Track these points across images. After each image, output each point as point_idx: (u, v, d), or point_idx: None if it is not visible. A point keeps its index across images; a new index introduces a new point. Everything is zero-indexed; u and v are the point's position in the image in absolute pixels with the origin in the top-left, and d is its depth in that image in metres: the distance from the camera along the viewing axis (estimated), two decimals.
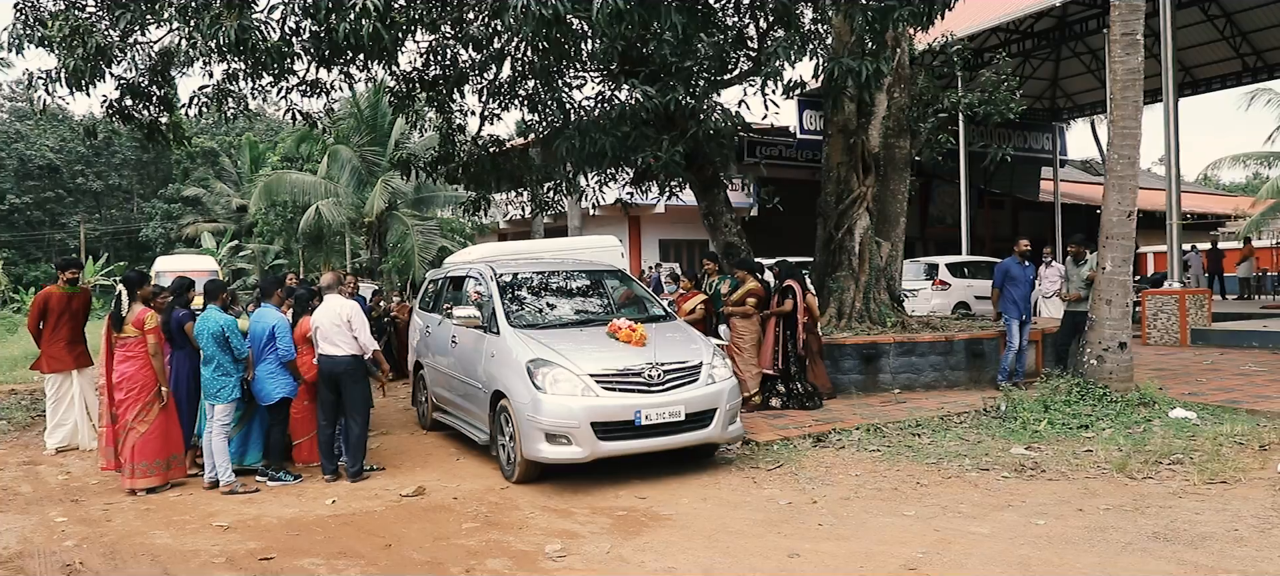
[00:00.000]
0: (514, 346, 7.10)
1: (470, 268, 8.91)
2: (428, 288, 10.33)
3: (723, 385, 7.08)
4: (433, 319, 9.44)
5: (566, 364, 6.72)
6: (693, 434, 6.85)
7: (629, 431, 6.62)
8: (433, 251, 24.97)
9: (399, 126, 26.17)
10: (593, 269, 9.11)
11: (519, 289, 8.21)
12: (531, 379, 6.67)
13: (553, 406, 6.53)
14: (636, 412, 6.62)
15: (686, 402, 6.80)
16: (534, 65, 12.26)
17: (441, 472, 7.59)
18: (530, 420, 6.59)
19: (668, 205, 16.59)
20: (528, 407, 6.62)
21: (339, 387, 7.39)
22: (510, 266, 8.69)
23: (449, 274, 9.71)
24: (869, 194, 12.60)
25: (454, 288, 9.27)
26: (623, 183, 13.63)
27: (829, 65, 9.59)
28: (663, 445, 6.79)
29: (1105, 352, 8.80)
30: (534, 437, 6.59)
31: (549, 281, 8.58)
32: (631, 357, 6.88)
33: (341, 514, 6.40)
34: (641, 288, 8.95)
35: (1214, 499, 6.07)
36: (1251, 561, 4.87)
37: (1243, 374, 10.97)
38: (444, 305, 9.17)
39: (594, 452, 6.55)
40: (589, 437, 6.52)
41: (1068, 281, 10.59)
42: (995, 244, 28.74)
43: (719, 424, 6.98)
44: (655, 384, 6.76)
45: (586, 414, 6.52)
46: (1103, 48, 24.00)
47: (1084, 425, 8.22)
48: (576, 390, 6.61)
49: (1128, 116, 8.44)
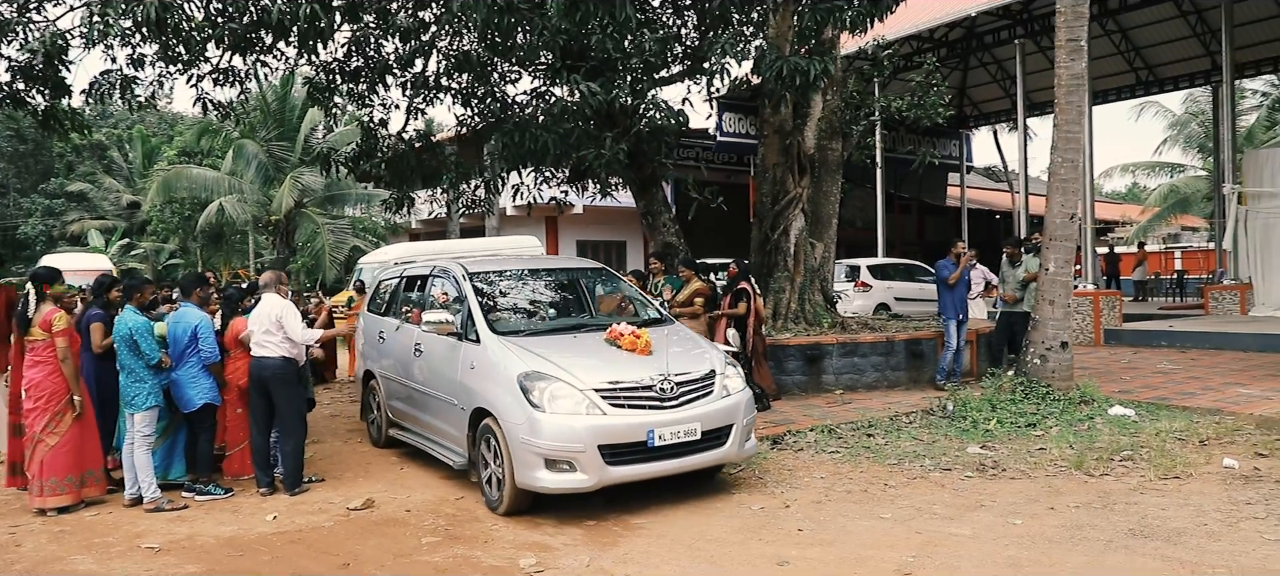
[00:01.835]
0: (501, 357, 6.18)
1: (434, 265, 8.01)
2: (379, 288, 9.32)
3: (738, 397, 6.29)
4: (388, 323, 8.39)
5: (567, 377, 5.81)
6: (708, 454, 6.04)
7: (641, 454, 5.77)
8: (344, 251, 24.08)
9: (309, 120, 25.12)
10: (575, 267, 8.39)
11: (495, 290, 7.34)
12: (526, 395, 5.75)
13: (553, 427, 5.63)
14: (649, 432, 5.75)
15: (702, 419, 5.98)
16: (467, 58, 11.85)
17: (387, 483, 7.14)
18: (525, 443, 5.68)
19: (586, 206, 16.29)
20: (522, 429, 5.70)
21: (270, 393, 6.87)
22: (484, 264, 7.80)
23: (407, 272, 8.66)
24: (804, 195, 12.62)
25: (413, 288, 8.39)
26: (558, 181, 13.30)
27: (777, 63, 9.50)
28: (677, 468, 5.94)
29: (1048, 352, 8.96)
30: (530, 463, 5.67)
31: (528, 281, 7.79)
32: (639, 369, 6.02)
33: (286, 530, 5.91)
34: (631, 288, 8.16)
35: (1173, 494, 6.18)
36: (1229, 555, 4.93)
37: (1161, 372, 11.40)
38: (403, 307, 8.25)
39: (602, 480, 5.67)
40: (596, 463, 5.63)
41: (1003, 282, 10.80)
42: (903, 247, 29.46)
43: (735, 441, 6.18)
44: (668, 399, 5.91)
45: (593, 435, 5.63)
46: (1009, 59, 24.89)
47: (1031, 423, 8.33)
48: (580, 408, 5.70)
49: (1071, 121, 8.63)
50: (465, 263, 7.55)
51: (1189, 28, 21.78)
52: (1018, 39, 20.44)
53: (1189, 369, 11.54)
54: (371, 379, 8.65)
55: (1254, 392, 9.47)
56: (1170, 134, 30.53)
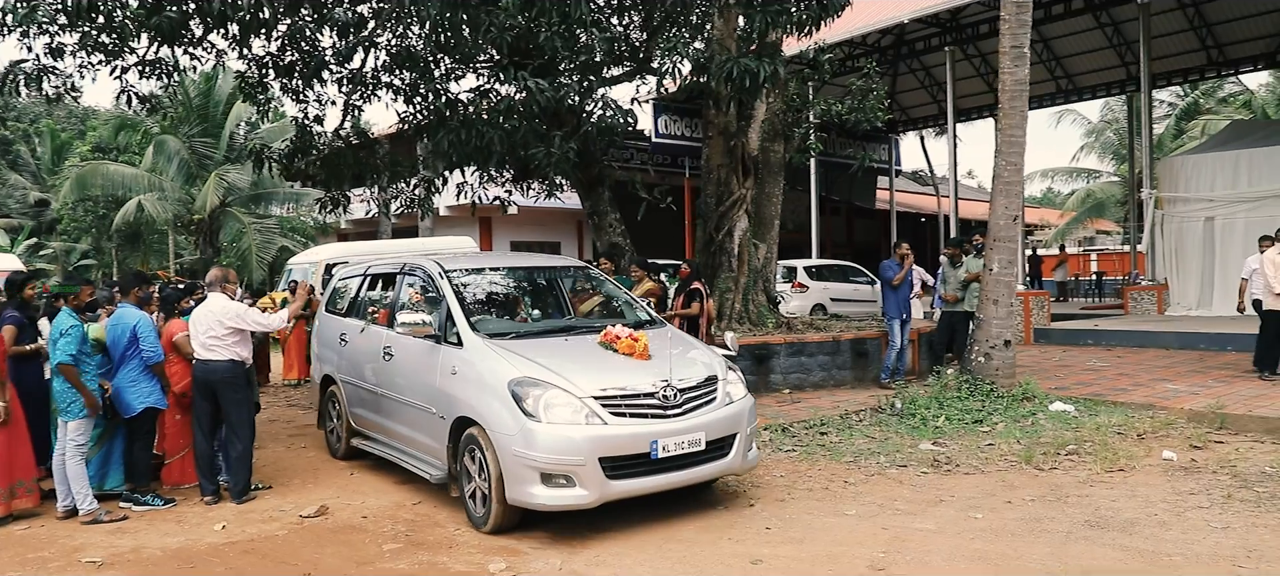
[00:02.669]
0: (489, 361, 5.72)
1: (405, 262, 7.49)
2: (338, 287, 8.73)
3: (741, 404, 5.94)
4: (351, 325, 7.84)
5: (563, 383, 5.39)
6: (712, 465, 5.68)
7: (643, 466, 5.37)
8: (272, 252, 23.31)
9: (235, 116, 24.29)
10: (556, 265, 7.97)
11: (474, 289, 6.88)
12: (519, 403, 5.32)
13: (550, 438, 5.20)
14: (652, 443, 5.36)
15: (706, 428, 5.60)
16: (410, 54, 11.60)
17: (339, 489, 6.91)
18: (518, 456, 5.24)
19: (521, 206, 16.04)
20: (515, 440, 5.27)
21: (216, 397, 6.59)
22: (459, 261, 7.32)
23: (371, 270, 8.12)
24: (748, 196, 12.71)
25: (378, 286, 7.91)
26: (502, 180, 13.13)
27: (727, 65, 9.53)
28: (680, 481, 5.57)
29: (992, 350, 9.19)
30: (523, 478, 5.24)
31: (508, 280, 7.37)
32: (639, 374, 5.63)
33: (237, 540, 5.66)
34: (617, 287, 7.77)
35: (1120, 486, 6.38)
36: (1182, 543, 5.11)
37: (1092, 369, 11.80)
38: (367, 308, 7.77)
39: (603, 495, 5.25)
40: (596, 476, 5.21)
41: (944, 283, 11.04)
42: (834, 248, 29.99)
43: (739, 451, 5.81)
44: (672, 407, 5.53)
45: (593, 447, 5.22)
46: (938, 66, 25.57)
47: (978, 419, 8.53)
48: (578, 417, 5.29)
49: (1015, 125, 8.87)
50: (440, 259, 7.12)
51: (1106, 39, 22.69)
52: (948, 47, 20.96)
53: (1117, 366, 11.98)
54: (331, 385, 8.09)
55: (1181, 388, 9.87)
56: (1087, 141, 31.77)
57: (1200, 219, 16.51)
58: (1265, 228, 15.63)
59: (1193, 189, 16.67)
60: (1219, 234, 16.28)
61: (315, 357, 8.68)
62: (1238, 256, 15.93)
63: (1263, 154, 15.96)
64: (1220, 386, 9.80)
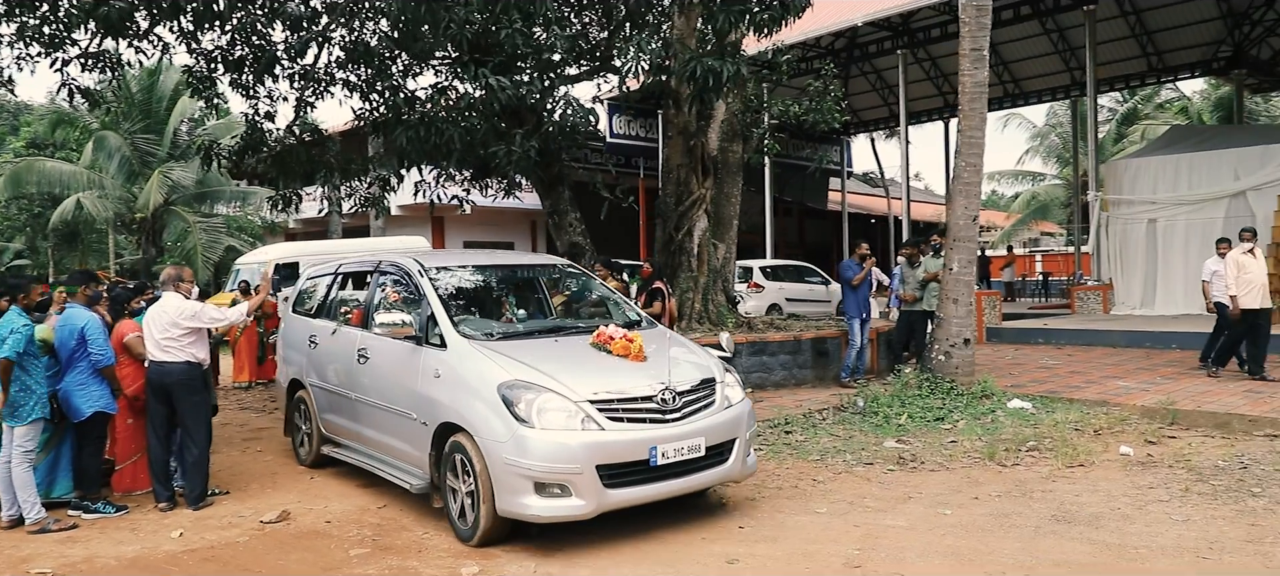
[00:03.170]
0: (476, 364, 5.42)
1: (379, 260, 7.18)
2: (306, 286, 8.31)
3: (740, 408, 5.71)
4: (321, 326, 7.47)
5: (557, 387, 5.12)
6: (711, 472, 5.44)
7: (642, 474, 5.12)
8: (218, 251, 22.74)
9: (180, 111, 23.63)
10: (539, 264, 7.60)
11: (456, 288, 6.54)
12: (511, 408, 5.03)
13: (544, 445, 4.92)
14: (651, 449, 5.10)
15: (706, 433, 5.37)
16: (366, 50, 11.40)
17: (300, 494, 6.73)
18: (510, 464, 4.96)
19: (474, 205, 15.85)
20: (506, 447, 4.98)
21: (172, 400, 6.37)
22: (439, 259, 6.96)
23: (342, 268, 7.75)
24: (708, 196, 12.73)
25: (350, 286, 7.58)
26: (461, 179, 12.96)
27: (691, 64, 9.52)
28: (679, 489, 5.31)
29: (952, 348, 9.32)
30: (515, 487, 4.96)
31: (491, 279, 7.03)
32: (635, 377, 5.38)
33: (197, 547, 5.48)
34: (604, 287, 7.49)
35: (1082, 481, 6.50)
36: (1147, 536, 5.22)
37: (1045, 367, 12.05)
38: (339, 308, 7.44)
39: (600, 505, 4.98)
40: (593, 486, 4.95)
41: (903, 283, 11.17)
42: (786, 249, 30.27)
43: (738, 457, 5.58)
44: (671, 411, 5.28)
45: (590, 454, 4.95)
46: (888, 69, 25.97)
47: (939, 417, 8.64)
48: (574, 422, 5.02)
49: (974, 127, 9.00)
50: (419, 256, 6.82)
51: (1052, 45, 23.24)
52: (900, 50, 21.27)
53: (1068, 364, 12.24)
54: (299, 389, 7.70)
55: (1131, 385, 10.11)
56: (1032, 145, 32.51)
57: (1143, 221, 16.97)
58: (1204, 229, 16.20)
59: (1136, 191, 17.13)
60: (1161, 235, 16.76)
61: (281, 360, 8.29)
62: (1179, 257, 16.47)
63: (1202, 158, 16.47)
64: (1168, 383, 10.07)
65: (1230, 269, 9.75)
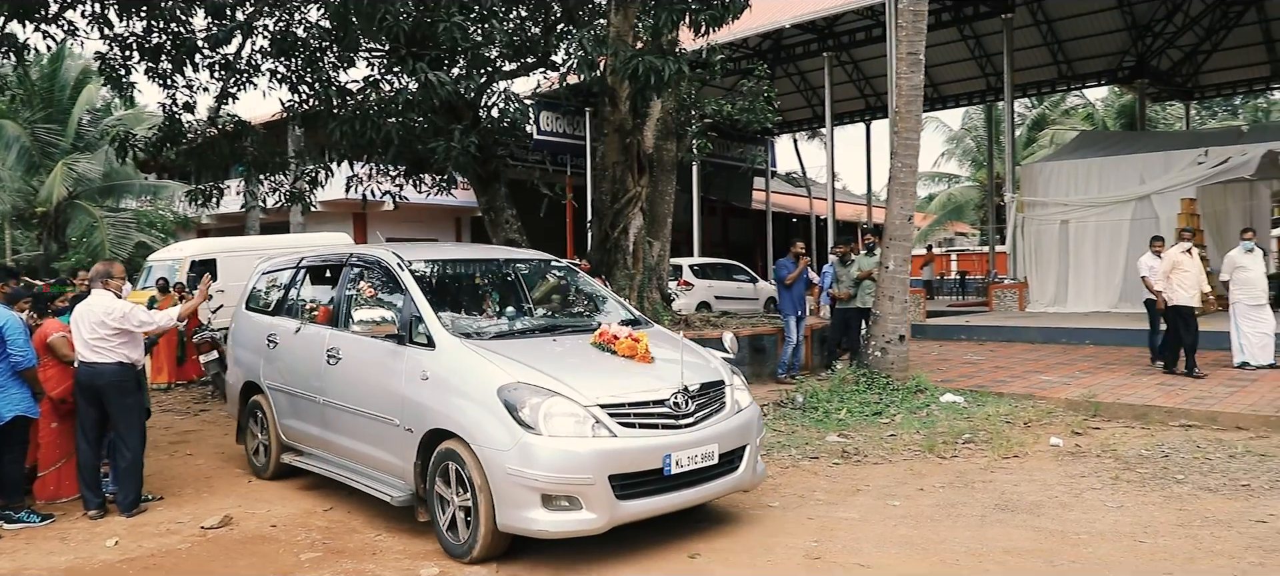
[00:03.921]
0: (470, 365, 5.05)
1: (351, 253, 6.67)
2: (261, 283, 7.72)
3: (750, 413, 5.43)
4: (281, 325, 6.93)
5: (564, 390, 4.75)
6: (723, 481, 5.12)
7: (654, 484, 4.79)
8: (128, 248, 21.80)
9: (84, 101, 22.55)
10: (519, 258, 7.05)
11: (440, 283, 6.12)
12: (513, 413, 4.66)
13: (553, 454, 4.56)
14: (665, 457, 4.78)
15: (719, 438, 5.06)
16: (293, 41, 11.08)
17: (239, 498, 6.50)
18: (513, 475, 4.58)
19: (398, 202, 15.52)
20: (510, 456, 4.60)
21: (103, 403, 6.08)
22: (417, 252, 6.44)
23: (306, 263, 7.19)
24: (643, 194, 12.77)
25: (315, 281, 7.04)
26: (394, 174, 12.71)
27: (633, 61, 9.53)
28: (692, 499, 5.00)
29: (888, 344, 9.56)
30: (519, 500, 4.58)
31: (475, 274, 6.58)
32: (645, 379, 5.06)
33: (135, 557, 5.24)
34: (592, 283, 7.14)
35: (1019, 472, 6.75)
36: (1085, 522, 5.45)
37: (970, 362, 12.46)
38: (303, 305, 6.91)
39: (613, 518, 4.65)
40: (605, 497, 4.60)
41: (837, 281, 11.40)
42: (711, 247, 30.62)
43: (749, 465, 5.29)
44: (684, 416, 4.96)
45: (602, 462, 4.61)
46: (813, 71, 26.47)
47: (877, 411, 8.85)
48: (584, 428, 4.66)
49: (910, 128, 9.25)
50: (397, 249, 6.31)
51: (969, 51, 24.04)
52: (826, 53, 21.70)
53: (992, 359, 12.69)
54: (255, 393, 7.15)
55: (1053, 379, 10.54)
56: (948, 147, 33.57)
57: (1056, 221, 17.70)
58: (1113, 230, 16.99)
59: (1050, 194, 17.86)
60: (1073, 236, 17.51)
61: (233, 362, 7.73)
62: (1089, 256, 17.23)
63: (1111, 163, 17.27)
64: (1087, 377, 10.53)
65: (1166, 266, 10.15)
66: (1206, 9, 21.20)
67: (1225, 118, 35.68)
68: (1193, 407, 8.45)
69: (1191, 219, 15.18)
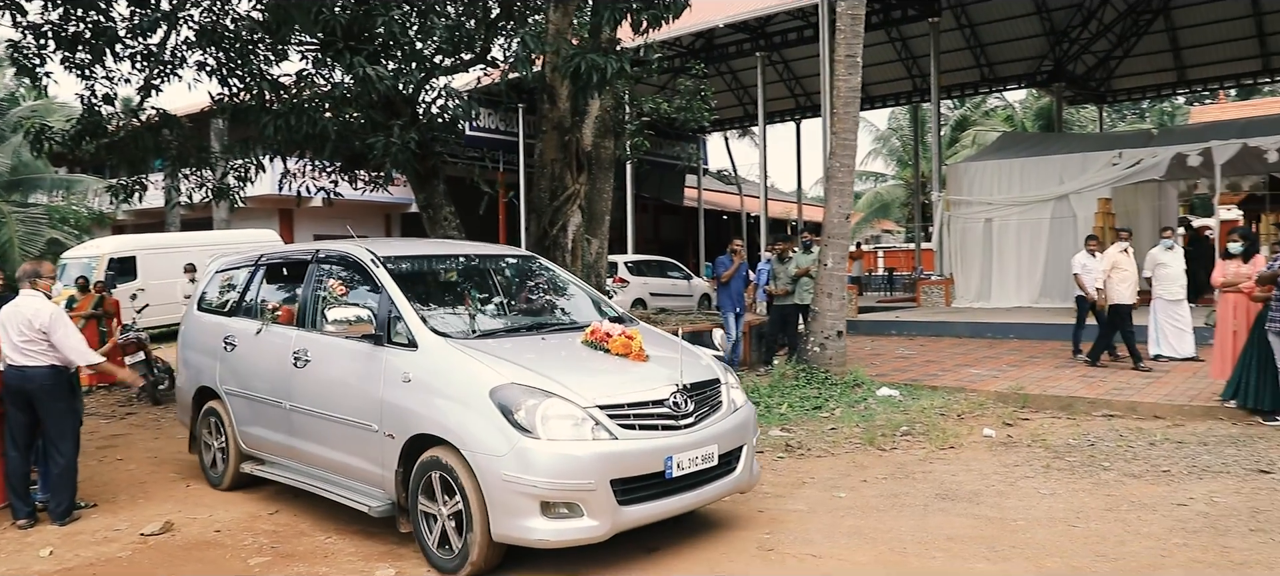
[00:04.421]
0: (458, 366, 4.83)
1: (317, 249, 6.33)
2: (216, 281, 7.31)
3: (746, 412, 5.32)
4: (240, 326, 6.53)
5: (561, 391, 4.56)
6: (722, 482, 4.99)
7: (656, 487, 4.64)
8: (39, 244, 20.86)
9: None
10: (496, 254, 6.78)
11: (416, 281, 5.78)
12: (509, 415, 4.45)
13: (552, 459, 4.37)
14: (667, 460, 4.63)
15: (718, 439, 4.93)
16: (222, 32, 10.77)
17: (178, 503, 6.32)
18: (509, 481, 4.37)
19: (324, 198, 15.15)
20: (506, 462, 4.38)
21: (34, 407, 5.85)
22: (390, 248, 6.09)
23: (265, 260, 6.83)
24: (582, 192, 12.79)
25: (276, 280, 6.65)
26: (330, 171, 12.44)
27: (575, 59, 9.54)
28: (692, 503, 4.86)
29: (826, 340, 9.77)
30: (516, 508, 4.38)
31: (452, 271, 6.27)
32: (642, 378, 4.90)
33: (72, 567, 5.06)
34: (572, 278, 6.91)
35: (955, 462, 6.99)
36: (1022, 509, 5.69)
37: (902, 357, 12.81)
38: (264, 305, 6.51)
39: (615, 525, 4.48)
40: (607, 503, 4.44)
41: (775, 278, 11.60)
42: (643, 245, 30.79)
43: (746, 466, 5.17)
44: (684, 417, 4.82)
45: (603, 466, 4.44)
46: (744, 70, 26.81)
47: (817, 405, 9.05)
48: (584, 431, 4.48)
49: (848, 129, 9.47)
50: (370, 245, 6.00)
51: (896, 54, 24.65)
52: (759, 52, 22.00)
53: (922, 353, 13.07)
54: (210, 398, 6.73)
55: (982, 372, 10.92)
56: (875, 147, 34.36)
57: (981, 220, 18.27)
58: (1033, 228, 17.62)
59: (974, 193, 18.43)
60: (996, 233, 18.10)
61: (183, 365, 7.29)
62: (1012, 253, 17.86)
63: (1032, 163, 17.90)
64: (1014, 370, 10.93)
65: (1105, 265, 10.57)
66: (1118, 17, 22.16)
67: (1134, 121, 37.38)
68: (1114, 398, 8.86)
69: (1108, 217, 15.84)
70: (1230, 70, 24.20)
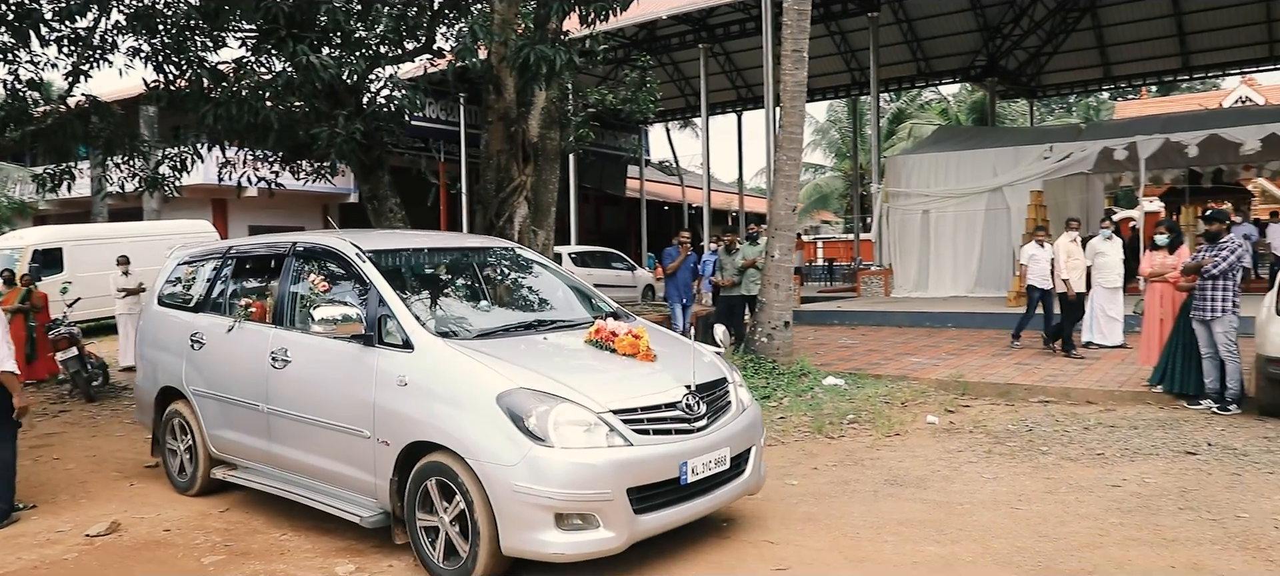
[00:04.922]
0: (460, 369, 4.57)
1: (295, 242, 5.94)
2: (180, 273, 6.90)
3: (754, 412, 5.17)
4: (210, 323, 6.19)
5: (573, 396, 4.33)
6: (733, 485, 4.84)
7: (671, 494, 4.46)
8: None
9: None
10: (482, 247, 6.47)
11: (406, 277, 5.43)
12: (519, 423, 4.22)
13: (566, 468, 4.15)
14: (682, 465, 4.45)
15: (730, 441, 4.77)
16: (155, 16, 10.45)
17: (122, 502, 6.18)
18: (521, 492, 4.14)
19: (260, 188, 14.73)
20: (516, 471, 4.15)
21: None
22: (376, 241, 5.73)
23: (236, 252, 6.49)
24: (528, 183, 12.75)
25: (248, 274, 6.28)
26: (271, 161, 12.18)
27: (524, 50, 9.50)
28: (705, 508, 4.69)
29: (774, 331, 9.94)
30: (529, 520, 4.16)
31: (440, 265, 5.95)
32: (655, 380, 4.70)
33: (14, 570, 4.91)
34: (562, 272, 6.58)
35: (902, 449, 7.20)
36: (967, 493, 5.89)
37: (845, 346, 13.08)
38: (235, 300, 6.12)
39: (631, 535, 4.29)
40: (624, 513, 4.24)
41: (721, 269, 11.74)
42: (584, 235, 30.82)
43: (754, 467, 5.02)
44: (697, 419, 4.63)
45: (619, 474, 4.23)
46: (686, 61, 26.95)
47: (765, 395, 9.20)
48: (598, 438, 4.27)
49: (794, 123, 9.62)
50: (355, 238, 5.66)
51: (835, 47, 25.03)
52: (702, 44, 22.15)
53: (864, 343, 13.36)
54: (176, 399, 6.38)
55: (923, 360, 11.22)
56: (814, 139, 34.85)
57: (918, 211, 18.73)
58: (969, 220, 18.11)
59: (912, 185, 18.87)
60: (933, 225, 18.57)
61: (144, 363, 6.91)
62: (948, 244, 18.33)
63: (967, 156, 18.41)
64: (954, 358, 11.26)
65: (1060, 255, 10.90)
66: (1048, 14, 22.87)
67: (1062, 115, 38.59)
68: (1048, 384, 9.20)
69: (1040, 210, 16.37)
70: (1152, 67, 25.21)
